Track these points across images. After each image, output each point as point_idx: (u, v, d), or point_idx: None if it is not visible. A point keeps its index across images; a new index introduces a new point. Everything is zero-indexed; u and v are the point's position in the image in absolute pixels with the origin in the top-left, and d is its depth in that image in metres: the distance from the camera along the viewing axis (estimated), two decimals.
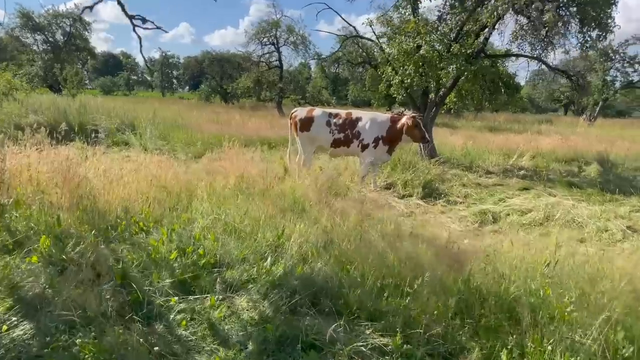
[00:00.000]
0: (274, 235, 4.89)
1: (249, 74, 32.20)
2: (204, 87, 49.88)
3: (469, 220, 7.25)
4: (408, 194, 8.93)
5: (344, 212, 6.00)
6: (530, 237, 6.04)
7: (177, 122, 18.78)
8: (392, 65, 13.08)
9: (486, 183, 10.79)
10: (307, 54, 31.36)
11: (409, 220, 6.89)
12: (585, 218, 7.21)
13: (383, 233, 5.26)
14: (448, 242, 4.67)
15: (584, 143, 18.04)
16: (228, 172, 7.94)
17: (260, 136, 16.94)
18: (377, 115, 9.42)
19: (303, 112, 9.42)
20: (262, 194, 6.60)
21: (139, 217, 5.20)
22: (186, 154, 13.83)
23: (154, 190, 6.26)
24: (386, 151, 9.23)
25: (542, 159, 14.26)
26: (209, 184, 6.94)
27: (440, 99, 13.38)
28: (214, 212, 5.62)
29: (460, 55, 11.68)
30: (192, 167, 11.61)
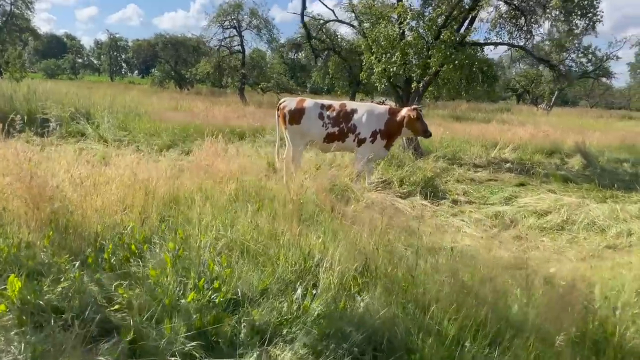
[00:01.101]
0: (296, 256, 4.04)
1: (209, 58, 30.63)
2: (157, 72, 47.58)
3: (485, 224, 6.63)
4: (407, 192, 8.25)
5: (362, 221, 5.22)
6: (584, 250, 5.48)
7: (137, 110, 17.37)
8: (375, 53, 12.32)
9: (479, 178, 10.28)
10: (271, 39, 30.17)
11: (425, 226, 6.20)
12: (604, 220, 6.73)
13: (423, 249, 4.52)
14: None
15: (556, 133, 17.96)
16: (214, 170, 7.01)
17: (229, 125, 15.86)
18: (374, 107, 8.64)
19: (292, 102, 8.52)
20: (262, 199, 5.73)
21: (127, 236, 4.24)
22: (150, 145, 12.63)
23: (138, 196, 5.27)
24: (384, 146, 8.50)
25: (523, 151, 13.92)
26: (200, 188, 5.99)
27: (424, 87, 12.77)
28: (216, 225, 4.71)
29: (449, 43, 11.06)
30: (162, 162, 10.54)
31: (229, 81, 31.51)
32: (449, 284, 3.61)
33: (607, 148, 15.33)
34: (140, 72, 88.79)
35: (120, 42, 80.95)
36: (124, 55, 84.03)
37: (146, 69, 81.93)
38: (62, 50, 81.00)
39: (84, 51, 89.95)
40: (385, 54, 12.08)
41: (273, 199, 5.62)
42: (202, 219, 4.85)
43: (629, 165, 13.20)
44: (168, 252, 3.95)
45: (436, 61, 11.08)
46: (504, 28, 13.74)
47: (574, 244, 5.99)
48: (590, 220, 6.65)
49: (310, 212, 5.46)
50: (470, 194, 8.80)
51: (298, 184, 6.07)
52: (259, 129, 15.94)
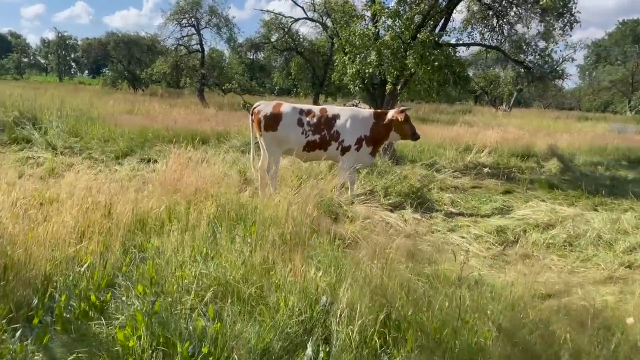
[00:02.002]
0: (300, 300, 3.28)
1: (166, 58, 29.19)
2: (109, 72, 45.43)
3: (487, 241, 6.06)
4: (395, 204, 7.61)
5: (362, 243, 4.53)
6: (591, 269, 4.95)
7: (89, 113, 16.08)
8: (349, 53, 11.65)
9: (463, 185, 9.77)
10: (231, 38, 29.06)
11: (423, 243, 5.56)
12: (608, 233, 6.29)
13: (439, 280, 3.86)
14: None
15: (524, 135, 17.82)
16: (183, 184, 6.17)
17: (191, 129, 14.84)
18: (358, 111, 7.97)
19: (268, 107, 7.72)
20: (245, 220, 4.94)
21: (85, 279, 3.38)
22: (105, 153, 11.55)
23: (96, 221, 4.39)
24: (369, 153, 7.84)
25: (499, 155, 13.59)
26: (171, 208, 5.14)
27: (400, 89, 12.23)
28: (195, 257, 3.90)
29: (427, 43, 10.53)
30: (119, 172, 9.55)
31: (187, 82, 30.18)
32: (493, 336, 2.95)
33: (577, 150, 15.23)
34: (91, 72, 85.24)
35: (68, 41, 77.32)
36: (73, 55, 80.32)
37: (97, 68, 78.62)
38: (6, 49, 76.62)
39: (30, 50, 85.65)
40: (360, 55, 11.45)
41: (260, 220, 4.84)
42: (177, 249, 4.03)
43: (603, 168, 13.07)
44: (137, 299, 3.13)
45: (414, 62, 10.52)
46: (476, 29, 13.41)
47: (586, 262, 5.49)
48: (595, 234, 6.19)
49: (301, 235, 4.71)
50: (459, 203, 8.25)
51: (285, 201, 5.32)
52: (223, 133, 15.01)
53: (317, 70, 31.40)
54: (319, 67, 31.56)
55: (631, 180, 11.69)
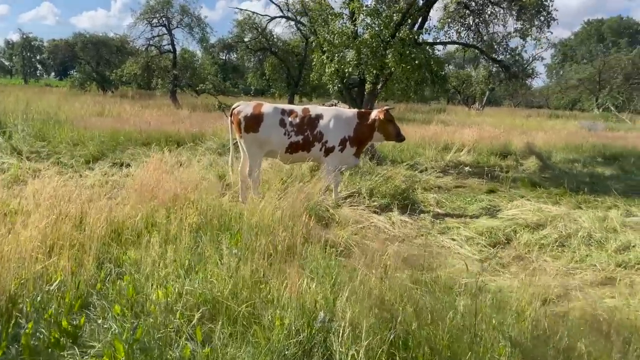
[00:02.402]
0: (296, 317, 3.00)
1: (136, 58, 28.40)
2: (77, 74, 44.10)
3: (478, 243, 5.88)
4: (381, 206, 7.38)
5: (356, 251, 4.28)
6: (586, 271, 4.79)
7: (57, 116, 15.44)
8: (327, 52, 11.40)
9: (446, 185, 9.63)
10: (204, 38, 28.49)
11: (414, 248, 5.35)
12: (599, 232, 6.18)
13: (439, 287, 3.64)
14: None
15: (500, 134, 17.87)
16: (161, 190, 5.82)
17: (164, 132, 14.38)
18: (342, 111, 7.71)
19: (248, 108, 7.39)
20: (229, 228, 4.63)
21: (55, 300, 3.03)
22: (74, 158, 11.02)
23: (67, 233, 4.03)
24: (353, 154, 7.60)
25: (478, 153, 13.55)
26: (149, 217, 4.79)
27: (380, 88, 12.06)
28: (177, 272, 3.58)
29: (407, 41, 10.37)
30: (90, 178, 9.08)
31: (159, 83, 29.44)
32: (509, 352, 2.73)
33: (553, 148, 15.33)
34: (58, 74, 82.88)
35: (34, 42, 74.91)
36: (39, 56, 77.87)
37: (64, 70, 76.44)
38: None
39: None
40: (338, 54, 11.21)
41: (246, 228, 4.53)
42: (158, 263, 3.70)
43: (580, 165, 13.16)
44: (115, 321, 2.81)
45: (394, 60, 10.34)
46: (453, 27, 13.34)
47: (580, 262, 5.36)
48: (585, 234, 6.08)
49: (291, 244, 4.43)
50: (444, 204, 8.08)
51: (271, 206, 5.03)
52: (198, 134, 14.60)
53: (291, 70, 31.08)
54: (294, 67, 31.25)
55: (609, 176, 11.77)
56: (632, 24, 73.94)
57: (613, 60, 45.12)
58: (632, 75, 44.75)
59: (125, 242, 4.46)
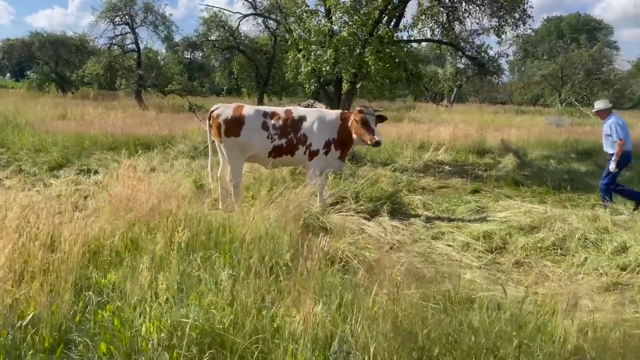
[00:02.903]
0: (312, 351, 2.68)
1: (99, 58, 27.32)
2: (35, 75, 42.31)
3: (475, 248, 5.67)
4: (367, 210, 7.09)
5: (357, 265, 3.99)
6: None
7: (16, 120, 14.60)
8: (303, 50, 11.07)
9: (429, 186, 9.46)
10: (169, 36, 27.63)
11: (410, 255, 5.10)
12: (593, 233, 6.07)
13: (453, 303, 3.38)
14: None
15: (469, 131, 17.88)
16: (133, 201, 5.40)
17: (132, 135, 13.77)
18: (325, 112, 7.39)
19: (228, 110, 6.98)
20: (220, 244, 4.27)
21: (29, 340, 2.62)
22: (37, 165, 10.36)
23: (38, 256, 3.60)
24: (338, 157, 7.30)
25: (457, 152, 13.46)
26: (125, 234, 4.37)
27: (359, 88, 11.81)
28: (167, 299, 3.20)
29: (387, 39, 10.16)
30: (57, 187, 8.51)
31: (123, 83, 28.42)
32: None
33: (527, 144, 15.41)
34: (14, 75, 79.52)
35: None
36: None
37: (20, 71, 73.38)
38: None
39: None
40: (315, 52, 10.90)
41: (239, 244, 4.18)
42: (147, 291, 3.31)
43: (555, 162, 13.22)
44: None
45: (373, 59, 10.09)
46: (426, 25, 13.22)
47: (581, 267, 5.21)
48: (580, 235, 5.96)
49: (285, 259, 4.10)
50: (431, 206, 7.89)
51: (261, 217, 4.68)
52: (168, 137, 14.05)
53: (260, 69, 30.55)
54: (262, 66, 30.72)
55: (585, 173, 11.85)
56: (589, 21, 76.01)
57: (575, 56, 46.24)
58: (593, 71, 46.12)
59: (103, 263, 4.04)
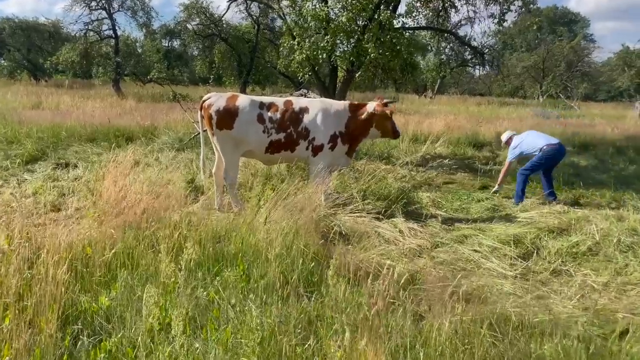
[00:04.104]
0: None
1: (74, 45, 25.98)
2: (6, 62, 40.50)
3: (505, 254, 5.14)
4: (376, 209, 6.51)
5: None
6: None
7: None
8: (298, 37, 10.38)
9: (434, 181, 8.93)
10: (148, 22, 26.45)
11: (435, 264, 4.54)
12: (625, 235, 5.61)
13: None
14: None
15: (461, 123, 17.45)
16: (122, 202, 4.75)
17: (112, 126, 12.95)
18: (330, 103, 6.74)
19: (221, 100, 6.29)
20: (233, 260, 3.65)
21: None
22: (9, 158, 9.51)
23: (11, 276, 2.95)
24: (345, 152, 6.70)
25: (455, 145, 12.98)
26: (116, 243, 3.71)
27: (352, 76, 11.21)
28: (179, 335, 2.58)
29: (388, 25, 9.56)
30: (33, 183, 7.73)
31: (99, 71, 27.18)
32: None
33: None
34: None
35: None
36: None
37: None
38: None
39: None
40: (310, 38, 10.23)
41: (253, 257, 3.56)
42: (153, 318, 2.69)
43: None
44: None
45: (374, 46, 9.49)
46: (421, 12, 12.69)
47: (627, 276, 4.72)
48: (615, 239, 5.49)
49: (306, 277, 3.50)
50: (442, 204, 7.36)
51: (274, 222, 4.07)
52: (150, 128, 13.25)
53: (243, 58, 29.65)
54: (245, 55, 29.82)
55: (588, 167, 11.50)
56: (567, 13, 76.57)
57: (556, 48, 46.37)
58: (574, 62, 46.33)
59: (92, 282, 3.39)
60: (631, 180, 9.79)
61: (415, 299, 3.40)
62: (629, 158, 12.11)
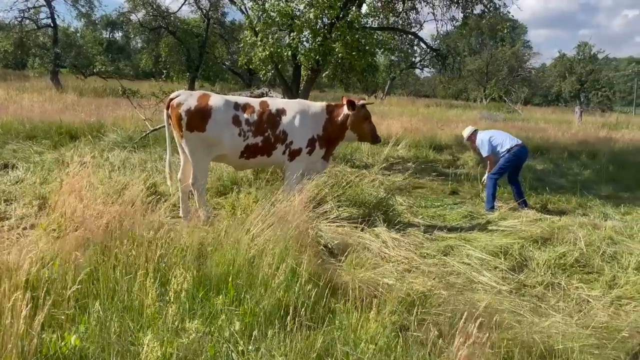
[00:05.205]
0: None
1: (8, 33, 24.02)
2: None
3: (495, 267, 4.94)
4: (351, 216, 6.18)
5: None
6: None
7: None
8: (261, 33, 9.89)
9: (403, 186, 8.73)
10: (90, 12, 24.92)
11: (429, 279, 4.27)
12: (606, 245, 5.58)
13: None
14: None
15: (417, 125, 17.50)
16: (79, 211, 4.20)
17: (52, 121, 11.99)
18: (307, 104, 6.31)
19: (191, 99, 5.75)
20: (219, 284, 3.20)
21: None
22: None
23: None
24: (322, 156, 6.32)
25: (414, 147, 12.91)
26: (79, 267, 3.18)
27: (316, 75, 10.88)
28: None
29: (357, 24, 9.28)
30: None
31: (36, 62, 25.38)
32: None
33: None
34: None
35: None
36: None
37: None
38: None
39: None
40: (273, 35, 9.78)
41: (245, 278, 3.13)
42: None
43: None
44: None
45: (341, 45, 9.17)
46: (382, 13, 12.53)
47: (618, 288, 4.62)
48: (596, 248, 5.43)
49: (305, 305, 3.12)
50: (418, 211, 7.15)
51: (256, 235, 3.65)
52: (96, 125, 12.36)
53: (192, 53, 28.63)
54: (194, 50, 28.83)
55: (545, 171, 11.71)
56: (509, 19, 79.67)
57: (499, 53, 48.01)
58: (515, 67, 48.17)
59: (56, 314, 2.85)
60: (589, 185, 10.00)
61: (422, 323, 3.09)
62: (582, 162, 12.44)
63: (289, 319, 2.87)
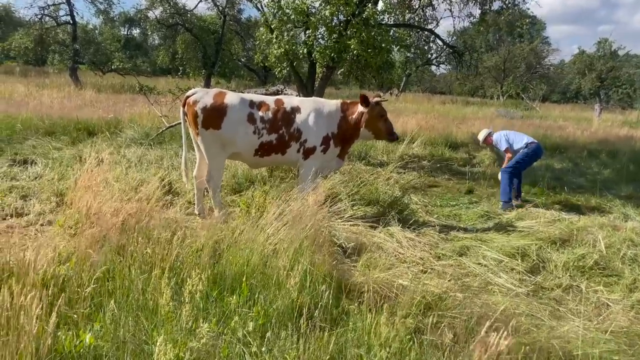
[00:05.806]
0: None
1: (28, 30, 24.37)
2: None
3: (512, 268, 4.87)
4: (365, 215, 6.14)
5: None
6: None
7: None
8: (276, 31, 9.87)
9: (419, 184, 8.66)
10: (109, 9, 25.15)
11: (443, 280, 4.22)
12: (626, 247, 5.46)
13: None
14: None
15: (432, 122, 17.35)
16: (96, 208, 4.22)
17: (72, 119, 12.13)
18: (322, 102, 6.28)
19: (207, 97, 5.77)
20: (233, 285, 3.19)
21: None
22: None
23: None
24: (337, 155, 6.28)
25: (430, 145, 12.80)
26: (95, 266, 3.21)
27: (331, 73, 10.83)
28: None
29: (373, 21, 9.21)
30: None
31: (55, 58, 25.68)
32: None
33: None
34: None
35: None
36: None
37: None
38: None
39: None
40: (289, 32, 9.75)
41: (259, 278, 3.12)
42: None
43: None
44: None
45: (357, 42, 9.11)
46: (396, 9, 12.45)
47: (637, 292, 4.53)
48: (616, 250, 5.33)
49: (319, 307, 3.10)
50: (432, 210, 7.09)
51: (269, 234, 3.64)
52: (113, 121, 12.47)
53: (208, 50, 28.73)
54: (210, 46, 28.91)
55: (564, 170, 11.52)
56: (528, 15, 78.57)
57: (517, 49, 47.35)
58: (533, 64, 47.49)
59: (71, 313, 2.87)
60: (609, 184, 9.82)
61: (437, 326, 3.05)
62: (602, 161, 12.22)
63: (302, 320, 2.86)
